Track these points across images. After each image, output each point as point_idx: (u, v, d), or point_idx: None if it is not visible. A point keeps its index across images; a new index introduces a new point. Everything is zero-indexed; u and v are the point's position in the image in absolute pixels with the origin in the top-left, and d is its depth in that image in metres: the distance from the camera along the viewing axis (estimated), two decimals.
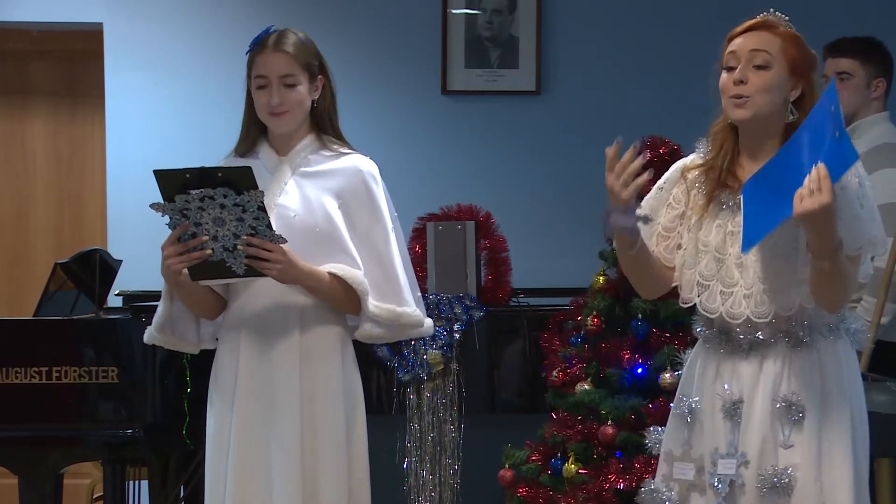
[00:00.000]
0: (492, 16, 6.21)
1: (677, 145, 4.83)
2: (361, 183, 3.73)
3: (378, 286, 3.68)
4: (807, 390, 3.14)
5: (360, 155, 3.78)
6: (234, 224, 3.46)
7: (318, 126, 3.76)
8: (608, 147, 3.09)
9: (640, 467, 4.53)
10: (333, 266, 3.64)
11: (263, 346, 3.63)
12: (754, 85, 3.17)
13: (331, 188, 3.70)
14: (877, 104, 4.78)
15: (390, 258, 3.72)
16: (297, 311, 3.65)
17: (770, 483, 3.12)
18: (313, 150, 3.74)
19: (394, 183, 6.19)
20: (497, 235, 5.31)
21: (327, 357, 3.68)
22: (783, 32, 3.20)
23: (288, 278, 3.57)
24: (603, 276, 4.85)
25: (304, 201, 3.65)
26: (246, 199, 3.43)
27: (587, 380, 4.78)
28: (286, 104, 3.66)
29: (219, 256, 3.50)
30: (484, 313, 5.12)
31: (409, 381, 5.05)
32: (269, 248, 3.50)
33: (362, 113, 6.19)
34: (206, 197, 3.42)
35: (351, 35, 6.19)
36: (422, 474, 5.07)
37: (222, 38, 6.18)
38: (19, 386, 4.76)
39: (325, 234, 3.65)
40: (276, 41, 3.73)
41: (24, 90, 6.51)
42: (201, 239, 3.48)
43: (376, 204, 3.74)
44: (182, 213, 3.45)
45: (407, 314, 3.72)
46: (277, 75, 3.67)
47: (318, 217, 3.66)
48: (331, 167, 3.73)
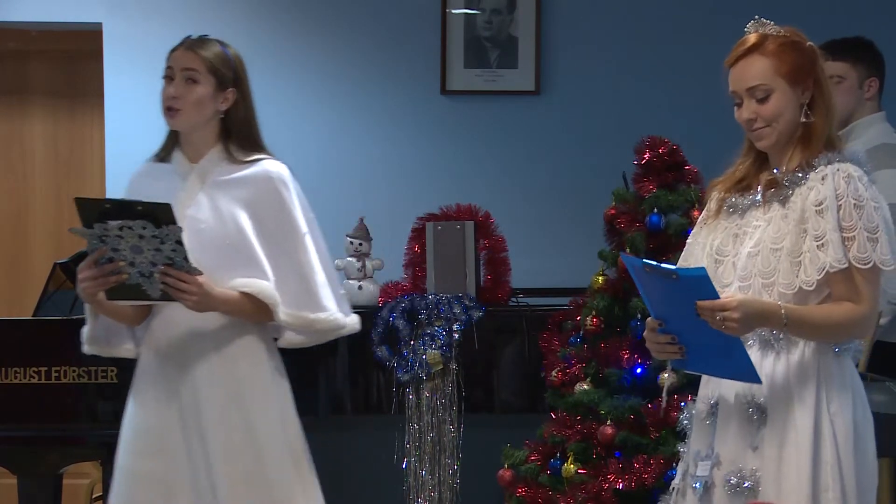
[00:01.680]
0: (491, 16, 6.21)
1: (677, 145, 4.83)
2: (272, 190, 3.75)
3: (293, 294, 3.72)
4: (773, 395, 3.16)
5: (270, 160, 3.81)
6: (151, 253, 3.53)
7: (227, 136, 3.78)
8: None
9: (639, 467, 4.53)
10: (243, 282, 3.68)
11: (183, 360, 3.68)
12: (764, 117, 3.22)
13: (241, 198, 3.73)
14: (871, 104, 4.78)
15: (303, 264, 3.75)
16: (219, 322, 3.70)
17: (734, 485, 3.15)
18: (222, 158, 3.77)
19: (393, 182, 6.24)
20: (496, 235, 5.31)
21: (250, 362, 3.72)
22: (772, 49, 3.21)
23: (203, 308, 3.62)
24: (602, 275, 4.85)
25: (215, 212, 3.68)
26: (164, 233, 3.50)
27: (586, 380, 4.78)
28: (181, 101, 3.71)
29: (135, 280, 3.57)
30: (483, 313, 5.12)
31: (409, 381, 5.05)
32: (185, 279, 3.56)
33: (361, 113, 6.19)
34: (125, 226, 3.49)
35: (350, 35, 6.19)
36: (421, 474, 5.07)
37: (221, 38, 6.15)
38: (19, 386, 4.76)
39: (235, 245, 3.69)
40: (194, 42, 3.80)
41: (24, 90, 6.51)
42: (118, 264, 3.55)
43: (287, 210, 3.76)
44: (101, 238, 3.52)
45: (320, 320, 3.76)
46: (181, 68, 3.73)
47: (228, 228, 3.69)
48: (240, 175, 3.76)
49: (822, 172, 3.18)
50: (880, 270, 3.14)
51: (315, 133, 6.17)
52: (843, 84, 4.72)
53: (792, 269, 3.15)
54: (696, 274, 3.06)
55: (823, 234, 3.12)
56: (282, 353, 3.85)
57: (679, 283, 3.05)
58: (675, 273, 3.06)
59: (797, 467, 3.11)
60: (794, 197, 3.19)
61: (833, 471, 3.11)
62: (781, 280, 3.15)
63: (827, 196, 3.14)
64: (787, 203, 3.20)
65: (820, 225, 3.13)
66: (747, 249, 3.21)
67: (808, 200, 3.16)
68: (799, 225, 3.16)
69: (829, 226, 3.12)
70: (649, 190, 4.79)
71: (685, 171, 4.83)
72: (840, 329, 3.15)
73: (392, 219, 5.59)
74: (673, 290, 3.07)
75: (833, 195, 3.14)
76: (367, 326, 5.08)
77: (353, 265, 5.26)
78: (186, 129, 3.76)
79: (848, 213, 3.13)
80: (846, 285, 3.14)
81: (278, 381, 3.79)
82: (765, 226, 3.21)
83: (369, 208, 5.50)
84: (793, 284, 3.14)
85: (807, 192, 3.17)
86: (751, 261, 3.19)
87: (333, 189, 6.11)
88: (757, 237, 3.21)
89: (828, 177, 3.16)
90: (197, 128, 3.76)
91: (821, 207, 3.14)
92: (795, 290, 3.14)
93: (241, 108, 3.79)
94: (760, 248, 3.19)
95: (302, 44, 6.20)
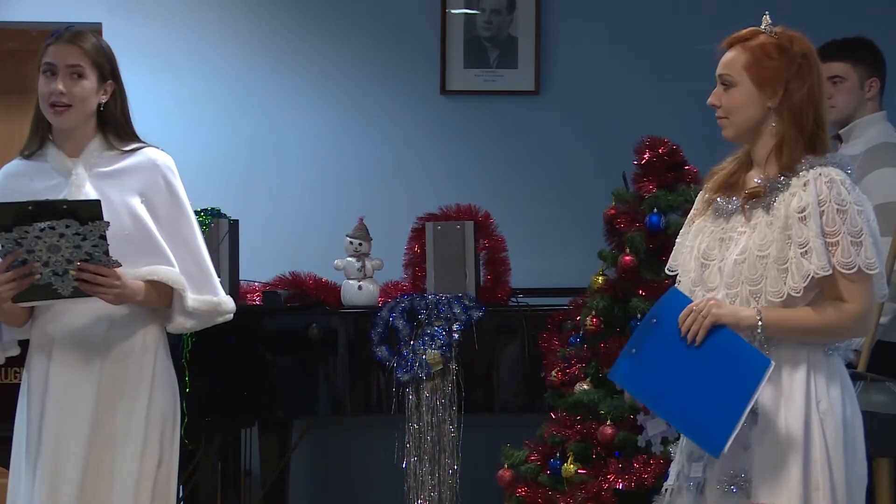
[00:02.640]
0: (491, 16, 6.21)
1: (676, 145, 4.83)
2: (160, 177, 3.78)
3: (193, 278, 3.76)
4: (763, 395, 3.15)
5: (153, 148, 3.83)
6: (69, 251, 3.53)
7: (104, 128, 3.79)
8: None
9: (639, 467, 4.53)
10: (149, 270, 3.69)
11: (73, 360, 3.69)
12: (724, 107, 3.27)
13: (131, 187, 3.74)
14: (872, 104, 4.78)
15: (198, 249, 3.79)
16: (105, 320, 3.71)
17: (727, 484, 3.15)
18: (103, 149, 3.77)
19: (393, 182, 6.24)
20: (496, 235, 5.31)
21: (141, 361, 3.73)
22: (753, 46, 3.23)
23: (120, 301, 3.64)
24: (602, 275, 4.85)
25: (108, 205, 3.66)
26: (89, 230, 3.51)
27: (586, 380, 4.78)
28: (69, 96, 3.71)
29: (46, 280, 3.57)
30: (483, 313, 5.11)
31: (408, 381, 5.05)
32: (104, 273, 3.57)
33: (361, 113, 6.19)
34: (46, 228, 3.49)
35: (350, 35, 6.19)
36: (421, 474, 5.07)
37: (221, 38, 6.18)
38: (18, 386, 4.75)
39: (134, 236, 3.71)
40: (72, 35, 3.81)
41: (23, 90, 6.48)
42: (31, 266, 3.54)
43: (178, 196, 3.79)
44: (16, 242, 3.52)
45: (223, 303, 3.81)
46: (65, 64, 3.73)
47: (124, 220, 3.70)
48: (126, 164, 3.77)
49: (805, 178, 3.18)
50: (868, 274, 3.14)
51: (315, 133, 6.17)
52: (844, 84, 4.72)
53: (780, 277, 3.16)
54: (668, 298, 3.18)
55: (807, 242, 3.13)
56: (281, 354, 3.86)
57: (661, 323, 3.15)
58: (654, 317, 3.18)
59: (788, 466, 3.12)
60: (777, 203, 3.19)
61: (823, 470, 3.12)
62: (770, 288, 3.16)
63: (809, 202, 3.15)
64: (770, 210, 3.20)
65: (803, 232, 3.14)
66: (734, 256, 3.21)
67: (790, 207, 3.17)
68: (783, 232, 3.17)
69: (812, 233, 3.13)
70: (649, 190, 4.79)
71: (685, 171, 4.83)
72: (822, 330, 3.16)
73: (392, 219, 5.59)
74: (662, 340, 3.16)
75: (815, 201, 3.14)
76: (367, 326, 5.09)
77: (353, 265, 5.26)
78: (74, 125, 3.75)
79: (831, 218, 3.14)
80: (834, 290, 3.15)
81: (172, 372, 3.82)
82: (750, 232, 3.22)
83: (369, 208, 5.50)
84: (781, 292, 3.15)
85: (789, 199, 3.18)
86: (737, 268, 3.20)
87: (333, 189, 6.12)
88: (743, 244, 3.22)
89: (810, 182, 3.17)
90: (81, 123, 3.75)
91: (804, 214, 3.15)
92: (784, 297, 3.15)
93: (118, 99, 3.80)
94: (747, 256, 3.20)
95: (302, 43, 6.20)
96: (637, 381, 3.19)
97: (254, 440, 5.45)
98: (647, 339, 3.17)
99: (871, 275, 3.15)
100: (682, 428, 3.19)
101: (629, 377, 3.20)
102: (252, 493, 5.54)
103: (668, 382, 3.15)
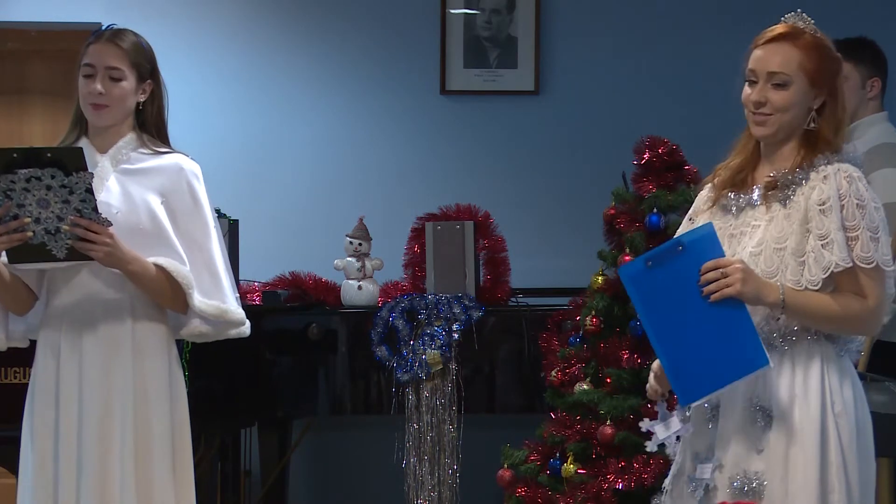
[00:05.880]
0: (490, 16, 6.21)
1: (676, 145, 4.83)
2: (184, 181, 3.76)
3: (202, 283, 3.71)
4: (776, 395, 3.15)
5: (182, 154, 3.81)
6: (58, 206, 3.48)
7: (140, 127, 3.79)
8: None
9: (639, 467, 4.53)
10: (159, 258, 3.66)
11: (88, 344, 3.66)
12: (773, 104, 3.20)
13: (153, 186, 3.73)
14: (874, 104, 4.78)
15: (213, 256, 3.75)
16: (123, 306, 3.68)
17: (739, 488, 3.14)
18: (133, 147, 3.77)
19: (392, 183, 6.24)
20: (496, 235, 5.31)
21: (156, 355, 3.71)
22: (805, 44, 3.20)
23: (113, 261, 3.59)
24: (601, 275, 4.85)
25: (127, 199, 3.67)
26: (74, 181, 3.46)
27: (586, 380, 4.78)
28: (108, 97, 3.71)
29: (39, 239, 3.52)
30: (483, 313, 5.12)
31: (408, 380, 5.05)
32: (95, 229, 3.52)
33: (361, 113, 6.19)
34: (32, 177, 3.45)
35: (349, 35, 6.19)
36: (421, 474, 5.07)
37: (221, 38, 6.18)
38: (18, 386, 4.75)
39: (148, 231, 3.68)
40: (112, 35, 3.81)
41: (23, 90, 6.50)
42: (23, 221, 3.50)
43: (199, 202, 3.77)
44: (5, 193, 3.47)
45: (231, 311, 3.75)
46: (105, 66, 3.73)
47: (141, 215, 3.68)
48: (153, 165, 3.76)
49: (824, 172, 3.18)
50: (884, 270, 3.14)
51: (315, 132, 6.17)
52: (845, 84, 4.71)
53: (798, 269, 3.14)
54: (702, 233, 3.10)
55: (828, 234, 3.12)
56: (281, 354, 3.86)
57: (685, 253, 3.07)
58: (680, 244, 3.10)
59: (804, 469, 3.11)
60: (795, 196, 3.18)
61: (839, 472, 3.12)
62: (789, 277, 3.14)
63: (830, 195, 3.14)
64: (788, 202, 3.19)
65: (824, 224, 3.13)
66: (749, 249, 3.20)
67: (810, 199, 3.16)
68: (802, 224, 3.16)
69: (834, 225, 3.12)
70: (649, 190, 4.79)
71: (685, 171, 4.83)
72: (841, 319, 3.15)
73: (392, 219, 5.59)
74: (679, 271, 3.09)
75: (836, 195, 3.14)
76: (366, 326, 5.09)
77: (353, 265, 5.26)
78: (112, 123, 3.75)
79: (851, 212, 3.13)
80: (852, 284, 3.14)
81: (181, 375, 3.80)
82: (766, 225, 3.20)
83: (369, 208, 5.50)
84: (799, 283, 3.14)
85: (809, 192, 3.17)
86: (753, 260, 3.18)
87: (333, 189, 6.12)
88: (758, 237, 3.20)
89: (829, 176, 3.16)
90: (119, 122, 3.76)
91: (824, 206, 3.14)
92: (802, 289, 3.14)
93: (156, 100, 3.81)
94: (763, 248, 3.18)
95: (302, 43, 6.20)
96: (641, 290, 3.14)
97: (254, 440, 5.45)
98: (666, 261, 3.11)
99: (887, 271, 3.14)
100: (664, 360, 3.15)
101: (635, 282, 3.14)
102: (252, 492, 5.55)
103: (669, 314, 3.12)
